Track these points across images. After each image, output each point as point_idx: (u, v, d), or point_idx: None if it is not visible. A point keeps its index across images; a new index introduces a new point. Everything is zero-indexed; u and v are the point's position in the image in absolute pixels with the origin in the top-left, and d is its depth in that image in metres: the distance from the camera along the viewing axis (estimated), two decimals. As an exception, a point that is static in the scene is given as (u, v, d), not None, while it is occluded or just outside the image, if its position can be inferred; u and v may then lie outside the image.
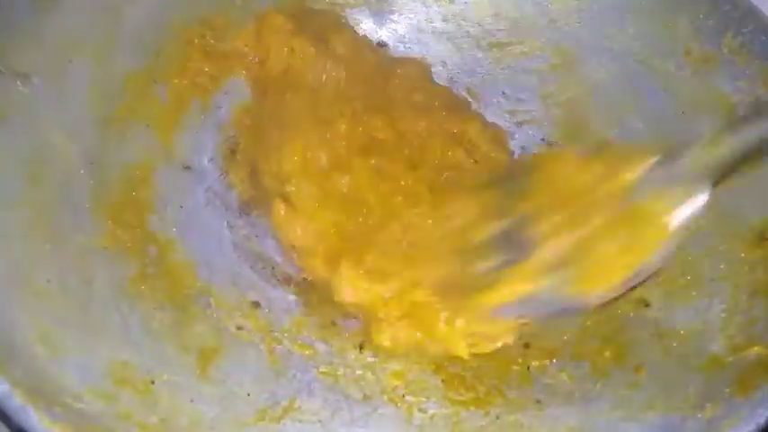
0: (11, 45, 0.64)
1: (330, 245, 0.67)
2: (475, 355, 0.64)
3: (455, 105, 0.78)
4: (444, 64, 0.85)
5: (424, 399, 0.63)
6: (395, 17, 0.86)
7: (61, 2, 0.67)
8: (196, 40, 0.76)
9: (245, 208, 0.74)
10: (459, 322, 0.61)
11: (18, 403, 0.50)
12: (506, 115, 0.80)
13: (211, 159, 0.74)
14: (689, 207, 0.53)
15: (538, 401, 0.62)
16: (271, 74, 0.76)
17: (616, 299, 0.60)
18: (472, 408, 0.62)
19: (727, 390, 0.56)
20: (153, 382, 0.58)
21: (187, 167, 0.73)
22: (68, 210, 0.64)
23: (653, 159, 0.54)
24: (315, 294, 0.70)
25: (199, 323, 0.64)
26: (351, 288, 0.65)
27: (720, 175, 0.52)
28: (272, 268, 0.71)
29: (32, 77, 0.65)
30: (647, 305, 0.66)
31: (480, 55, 0.84)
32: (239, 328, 0.66)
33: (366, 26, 0.84)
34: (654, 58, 0.77)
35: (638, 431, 0.57)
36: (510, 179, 0.65)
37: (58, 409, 0.51)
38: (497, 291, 0.59)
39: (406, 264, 0.64)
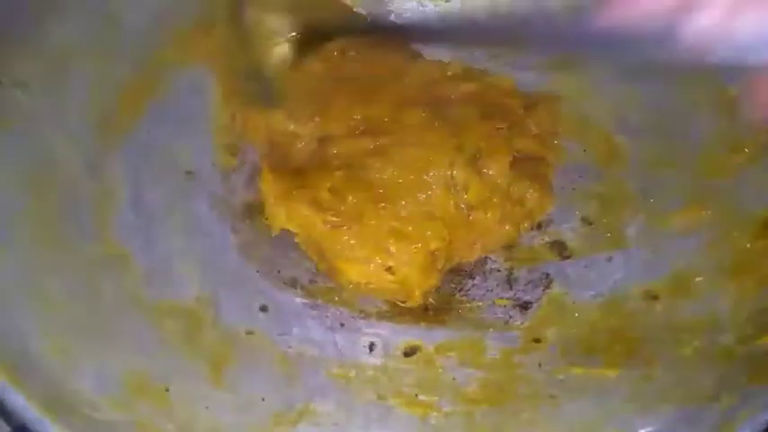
0: (10, 54, 0.64)
1: None
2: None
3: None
4: (442, 63, 0.85)
5: (436, 398, 0.63)
6: (392, 17, 0.85)
7: (60, 10, 0.66)
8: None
9: (249, 212, 0.74)
10: None
11: (35, 415, 0.50)
12: (505, 112, 0.80)
13: (214, 164, 0.74)
14: None
15: (552, 397, 0.62)
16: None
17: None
18: (486, 405, 0.62)
19: (743, 379, 0.56)
20: (168, 390, 0.58)
21: (189, 172, 0.73)
22: (73, 219, 0.63)
23: None
24: (322, 296, 0.70)
25: (209, 329, 0.64)
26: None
27: None
28: (279, 272, 0.71)
29: (32, 86, 0.64)
30: (654, 298, 0.67)
31: (477, 53, 0.84)
32: (249, 332, 0.65)
33: (362, 27, 0.84)
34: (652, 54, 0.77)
35: (655, 423, 0.57)
36: None
37: (76, 419, 0.51)
38: None
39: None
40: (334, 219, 0.68)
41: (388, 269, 0.68)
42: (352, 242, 0.68)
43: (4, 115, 0.63)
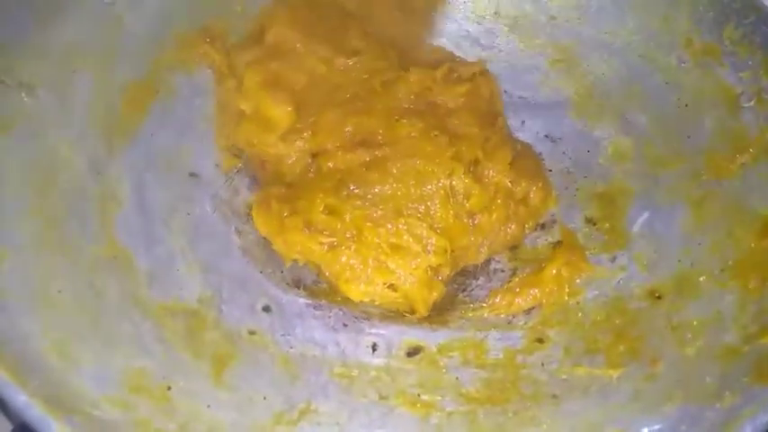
0: (15, 57, 0.64)
1: None
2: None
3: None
4: (445, 63, 0.85)
5: (439, 397, 0.63)
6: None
7: (64, 13, 0.67)
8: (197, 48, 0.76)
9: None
10: None
11: (38, 414, 0.50)
12: (509, 113, 0.80)
13: (217, 165, 0.74)
14: None
15: (554, 396, 0.62)
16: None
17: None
18: (488, 405, 0.62)
19: (745, 378, 0.56)
20: (169, 389, 0.58)
21: (193, 174, 0.73)
22: (78, 220, 0.64)
23: None
24: (325, 297, 0.70)
25: (211, 329, 0.64)
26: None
27: None
28: (282, 272, 0.71)
29: (37, 89, 0.65)
30: (658, 297, 0.67)
31: (482, 53, 0.84)
32: (252, 332, 0.65)
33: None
34: (655, 52, 0.77)
35: (658, 423, 0.57)
36: None
37: (78, 418, 0.51)
38: None
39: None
40: (332, 239, 0.67)
41: (391, 286, 0.68)
42: (351, 262, 0.67)
43: (8, 117, 0.63)
